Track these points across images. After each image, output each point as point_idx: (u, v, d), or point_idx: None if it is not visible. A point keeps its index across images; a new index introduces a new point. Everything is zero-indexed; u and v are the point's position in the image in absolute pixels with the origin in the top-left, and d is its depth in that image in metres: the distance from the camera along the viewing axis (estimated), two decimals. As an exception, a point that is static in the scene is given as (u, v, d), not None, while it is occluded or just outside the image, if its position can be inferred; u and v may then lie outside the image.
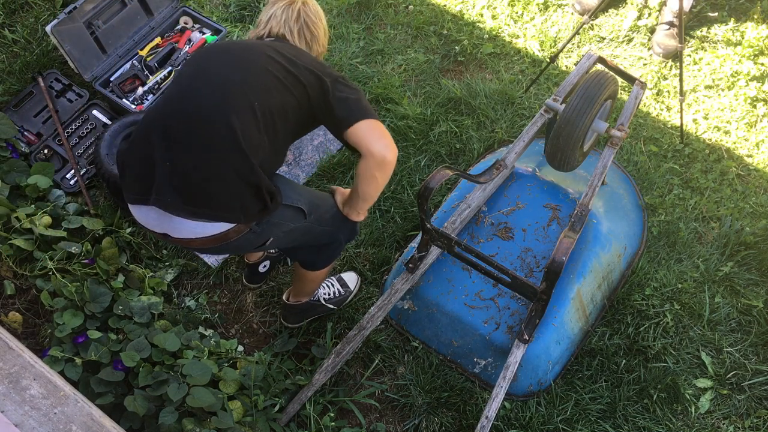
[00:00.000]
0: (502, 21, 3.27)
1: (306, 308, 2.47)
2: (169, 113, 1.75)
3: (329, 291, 2.51)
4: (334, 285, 2.53)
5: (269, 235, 1.87)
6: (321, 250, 2.18)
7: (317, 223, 2.01)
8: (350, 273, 2.59)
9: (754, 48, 3.04)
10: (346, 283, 2.55)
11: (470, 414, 2.31)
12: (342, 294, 2.52)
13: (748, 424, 2.29)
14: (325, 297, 2.49)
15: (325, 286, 2.51)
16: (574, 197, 2.39)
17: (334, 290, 2.52)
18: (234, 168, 1.68)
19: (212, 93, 1.71)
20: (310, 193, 2.03)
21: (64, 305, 2.21)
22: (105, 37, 2.93)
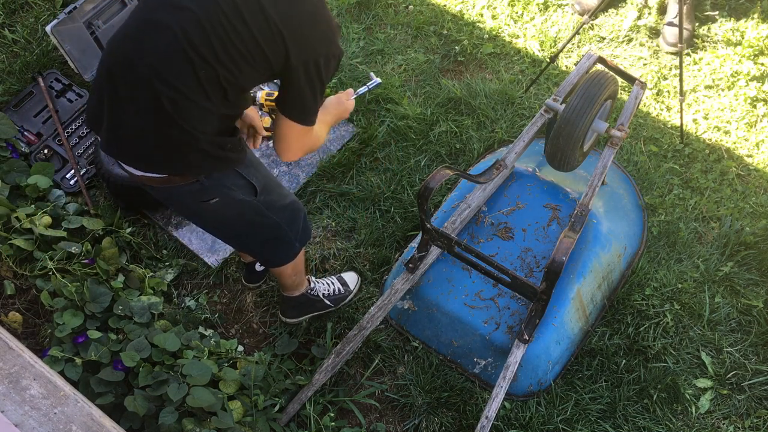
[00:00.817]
0: (502, 21, 3.27)
1: (303, 302, 2.45)
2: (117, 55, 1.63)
3: (329, 289, 2.51)
4: (334, 283, 2.53)
5: (216, 193, 1.81)
6: (270, 245, 2.12)
7: (265, 207, 1.95)
8: (351, 273, 2.60)
9: (754, 48, 3.04)
10: (346, 282, 2.55)
11: (470, 414, 2.31)
12: (341, 293, 2.52)
13: (748, 424, 2.29)
14: (324, 293, 2.49)
15: (326, 283, 2.51)
16: (574, 197, 2.39)
17: (334, 288, 2.52)
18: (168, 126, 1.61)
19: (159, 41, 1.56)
20: (268, 177, 1.99)
21: (64, 305, 2.21)
22: (105, 37, 2.93)
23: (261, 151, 2.91)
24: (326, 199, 2.79)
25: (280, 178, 2.84)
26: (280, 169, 2.86)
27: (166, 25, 1.54)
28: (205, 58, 1.54)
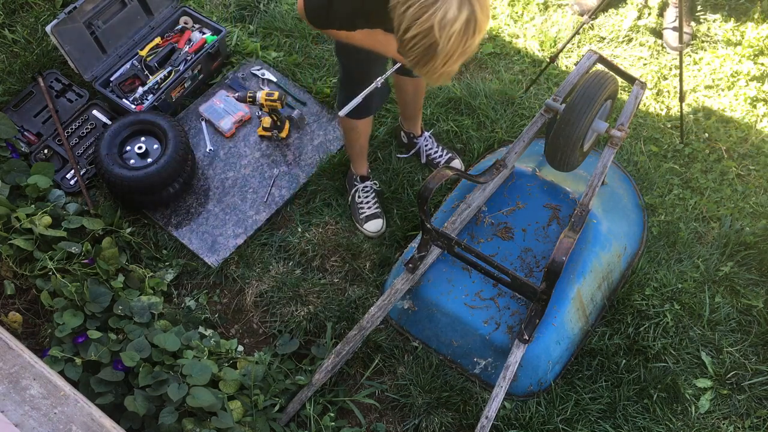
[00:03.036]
0: (502, 21, 3.27)
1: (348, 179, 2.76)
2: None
3: (363, 205, 2.69)
4: (366, 211, 2.68)
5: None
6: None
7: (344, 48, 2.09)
8: (378, 221, 2.70)
9: (754, 48, 3.04)
10: (371, 222, 2.69)
11: (470, 414, 2.31)
12: (359, 217, 2.70)
13: (748, 424, 2.29)
14: (357, 200, 2.70)
15: (365, 203, 2.69)
16: (574, 197, 2.39)
17: (364, 212, 2.69)
18: None
19: None
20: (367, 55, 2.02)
21: (64, 305, 2.21)
22: (105, 37, 2.93)
23: (261, 151, 2.91)
24: (327, 199, 2.79)
25: (281, 177, 2.84)
26: (280, 169, 2.86)
27: None
28: None
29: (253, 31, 3.25)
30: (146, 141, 2.73)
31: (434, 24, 1.40)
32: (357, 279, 2.63)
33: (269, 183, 2.83)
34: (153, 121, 2.70)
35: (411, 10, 1.41)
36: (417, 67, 1.53)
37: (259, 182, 2.85)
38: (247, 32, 3.25)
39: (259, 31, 3.25)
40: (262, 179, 2.85)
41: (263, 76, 3.09)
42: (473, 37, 1.45)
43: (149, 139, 2.73)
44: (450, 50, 1.45)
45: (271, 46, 3.21)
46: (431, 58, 1.46)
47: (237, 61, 3.16)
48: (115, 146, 2.66)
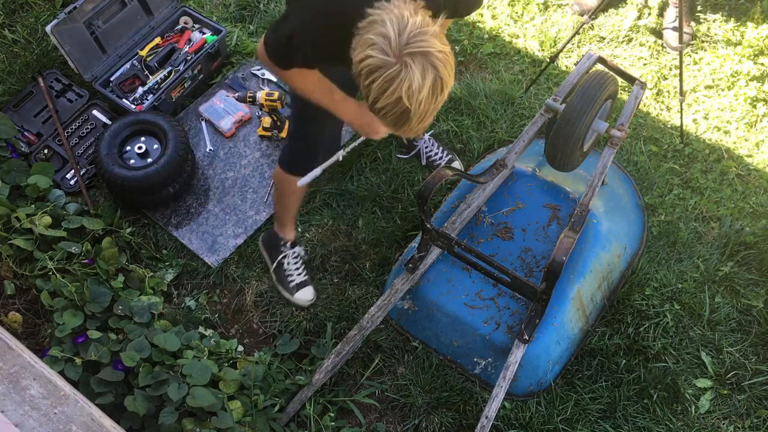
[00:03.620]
0: (502, 21, 3.27)
1: (272, 242, 2.55)
2: None
3: (292, 272, 2.53)
4: (295, 279, 2.53)
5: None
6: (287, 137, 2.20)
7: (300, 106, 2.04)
8: (310, 290, 2.55)
9: (754, 48, 3.04)
10: (301, 293, 2.54)
11: (470, 414, 2.31)
12: (287, 288, 2.54)
13: (748, 424, 2.29)
14: (286, 266, 2.53)
15: (295, 268, 2.53)
16: (574, 197, 2.39)
17: (293, 281, 2.53)
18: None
19: None
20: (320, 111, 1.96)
21: (64, 305, 2.21)
22: (105, 37, 2.93)
23: (261, 151, 2.91)
24: (326, 198, 2.79)
25: (280, 178, 2.84)
26: (280, 169, 2.86)
27: None
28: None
29: (253, 31, 3.25)
30: (146, 141, 2.73)
31: (402, 95, 1.40)
32: (357, 279, 2.63)
33: (269, 183, 2.83)
34: (153, 121, 2.70)
35: (375, 84, 1.41)
36: (393, 129, 1.54)
37: (259, 182, 2.85)
38: (247, 32, 3.25)
39: (259, 31, 3.25)
40: (262, 179, 2.85)
41: (263, 76, 3.09)
42: (442, 94, 1.46)
43: (149, 139, 2.73)
44: (422, 112, 1.45)
45: (271, 46, 3.20)
46: (405, 121, 1.47)
47: (237, 61, 3.16)
48: (115, 146, 2.66)
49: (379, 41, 1.39)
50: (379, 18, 1.41)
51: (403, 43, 1.38)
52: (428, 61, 1.39)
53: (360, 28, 1.45)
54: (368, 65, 1.40)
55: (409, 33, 1.38)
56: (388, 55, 1.39)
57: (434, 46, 1.40)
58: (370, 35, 1.41)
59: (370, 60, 1.40)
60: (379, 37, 1.40)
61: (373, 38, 1.40)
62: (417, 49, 1.38)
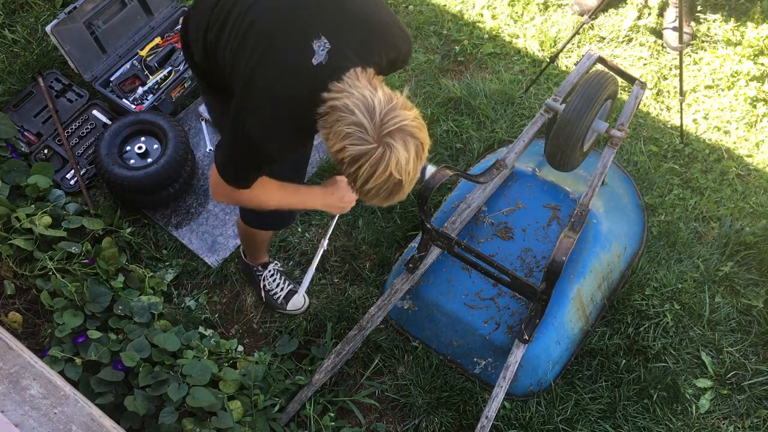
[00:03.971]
0: (502, 21, 3.27)
1: (247, 270, 2.55)
2: None
3: (275, 288, 2.52)
4: (282, 290, 2.52)
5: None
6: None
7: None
8: (301, 298, 2.51)
9: (754, 48, 3.04)
10: (290, 301, 2.52)
11: (470, 414, 2.31)
12: (277, 303, 2.53)
13: (748, 424, 2.29)
14: (267, 287, 2.52)
15: (277, 283, 2.52)
16: (574, 197, 2.39)
17: (278, 294, 2.52)
18: None
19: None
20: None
21: (64, 305, 2.21)
22: (105, 37, 2.93)
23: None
24: (326, 199, 2.79)
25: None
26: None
27: None
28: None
29: (253, 31, 3.25)
30: (146, 141, 2.73)
31: (392, 172, 1.42)
32: (357, 279, 2.63)
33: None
34: (153, 121, 2.70)
35: (362, 170, 1.42)
36: (384, 203, 1.53)
37: (259, 182, 2.84)
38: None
39: (259, 31, 3.25)
40: (262, 179, 2.85)
41: (263, 76, 3.09)
42: (424, 153, 1.48)
43: (149, 139, 2.73)
44: (411, 178, 1.47)
45: (271, 46, 3.20)
46: (397, 192, 1.49)
47: (237, 61, 3.15)
48: (115, 146, 2.66)
49: (353, 131, 1.40)
50: (342, 105, 1.41)
51: (378, 126, 1.39)
52: (406, 134, 1.42)
53: (323, 116, 1.45)
54: (350, 155, 1.41)
55: (380, 114, 1.40)
56: (367, 142, 1.39)
57: (407, 118, 1.42)
58: (342, 127, 1.41)
59: (351, 150, 1.40)
60: (353, 126, 1.40)
61: (347, 130, 1.40)
62: (393, 127, 1.40)
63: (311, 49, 1.47)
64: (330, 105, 1.44)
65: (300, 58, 1.48)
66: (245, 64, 1.54)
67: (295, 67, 1.49)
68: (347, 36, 1.51)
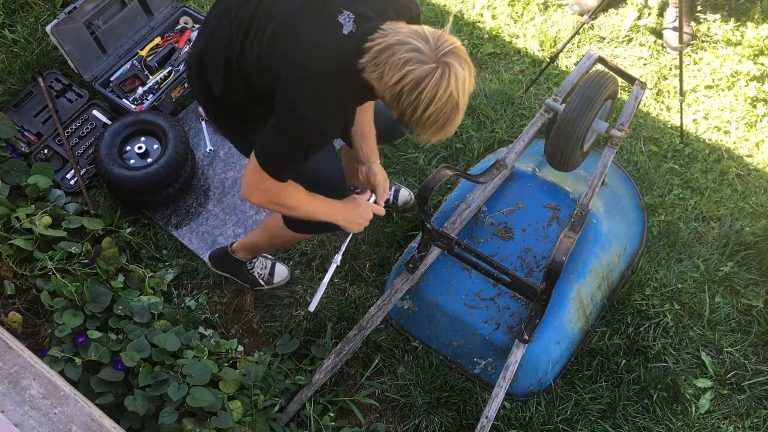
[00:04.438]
0: (502, 21, 3.27)
1: (234, 264, 2.50)
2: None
3: (260, 269, 2.53)
4: (266, 267, 2.54)
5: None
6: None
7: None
8: (283, 267, 2.57)
9: (754, 48, 3.04)
10: (275, 273, 2.55)
11: (470, 414, 2.31)
12: (263, 281, 2.54)
13: (748, 424, 2.29)
14: (256, 271, 2.52)
15: (261, 262, 2.52)
16: (574, 197, 2.39)
17: (263, 273, 2.54)
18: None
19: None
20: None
21: (64, 305, 2.21)
22: (105, 37, 2.93)
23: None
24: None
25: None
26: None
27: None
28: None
29: (253, 31, 3.25)
30: (146, 141, 2.73)
31: (453, 92, 1.48)
32: (357, 279, 2.63)
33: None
34: (153, 121, 2.70)
35: (424, 93, 1.46)
36: (437, 135, 1.57)
37: (259, 182, 2.84)
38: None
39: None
40: (262, 179, 2.85)
41: (263, 76, 3.09)
42: (473, 78, 1.55)
43: (149, 139, 2.73)
44: (465, 102, 1.53)
45: (271, 46, 3.20)
46: (453, 118, 1.53)
47: (237, 61, 3.15)
48: (115, 146, 2.66)
49: (412, 56, 1.45)
50: (394, 41, 1.48)
51: (434, 49, 1.46)
52: (459, 55, 1.49)
53: (372, 61, 1.50)
54: (412, 80, 1.46)
55: (433, 39, 1.47)
56: (427, 63, 1.45)
57: (456, 42, 1.50)
58: (400, 56, 1.46)
59: (411, 75, 1.45)
60: (411, 52, 1.46)
61: (405, 56, 1.46)
62: (447, 49, 1.47)
63: (338, 23, 1.56)
64: (377, 49, 1.49)
65: (332, 34, 1.56)
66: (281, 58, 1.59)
67: (330, 43, 1.56)
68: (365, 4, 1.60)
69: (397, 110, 1.53)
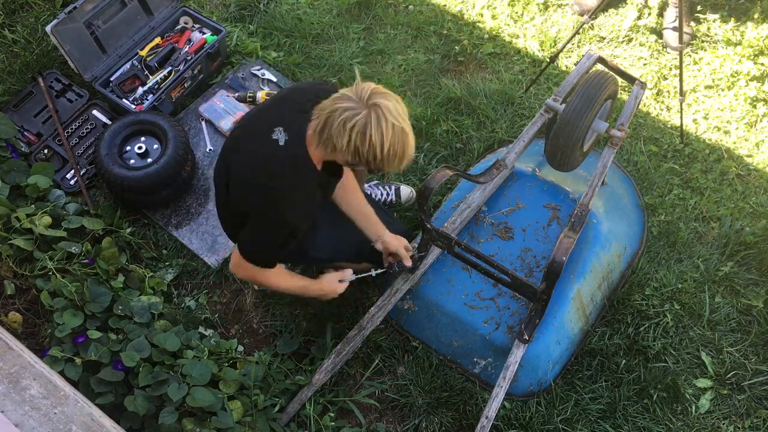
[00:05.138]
0: (502, 21, 3.27)
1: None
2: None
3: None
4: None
5: None
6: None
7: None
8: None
9: (754, 48, 3.04)
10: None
11: (470, 414, 2.31)
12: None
13: (748, 424, 2.29)
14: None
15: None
16: (574, 197, 2.39)
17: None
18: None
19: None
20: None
21: (64, 305, 2.21)
22: (105, 37, 2.93)
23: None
24: (326, 199, 2.79)
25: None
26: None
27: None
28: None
29: (253, 31, 3.25)
30: (146, 141, 2.73)
31: (393, 123, 1.68)
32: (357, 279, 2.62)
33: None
34: (153, 121, 2.70)
35: (373, 137, 1.68)
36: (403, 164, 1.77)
37: (259, 182, 2.84)
38: (247, 32, 3.25)
39: (259, 31, 3.25)
40: (262, 179, 2.85)
41: (263, 76, 3.09)
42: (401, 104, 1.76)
43: (149, 139, 2.73)
44: (407, 125, 1.74)
45: (271, 46, 3.21)
46: (408, 144, 1.74)
47: (237, 61, 3.16)
48: (115, 146, 2.66)
49: (347, 115, 1.67)
50: (325, 116, 1.72)
51: (359, 99, 1.68)
52: (379, 92, 1.70)
53: (321, 140, 1.75)
54: (357, 133, 1.67)
55: (354, 93, 1.69)
56: (360, 111, 1.67)
57: (372, 84, 1.71)
58: (337, 121, 1.68)
59: (355, 130, 1.67)
60: (344, 113, 1.68)
61: (342, 118, 1.68)
62: (368, 93, 1.69)
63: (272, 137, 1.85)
64: (318, 130, 1.74)
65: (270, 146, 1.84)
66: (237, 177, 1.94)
67: (271, 152, 1.84)
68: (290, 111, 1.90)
69: (363, 162, 1.74)
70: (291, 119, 1.87)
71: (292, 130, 1.85)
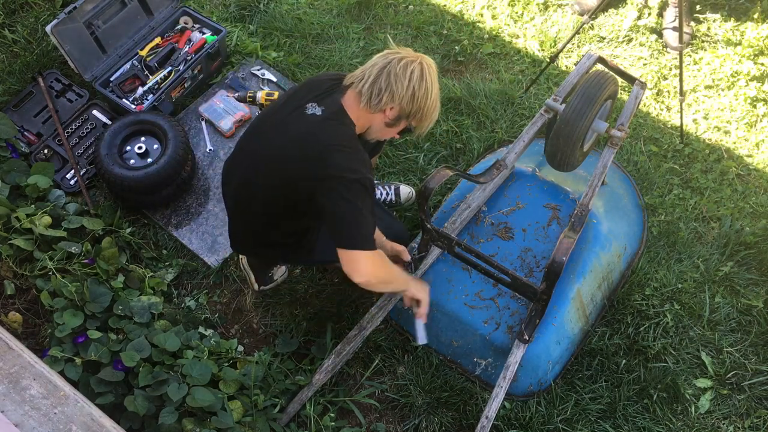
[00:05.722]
0: (502, 21, 3.27)
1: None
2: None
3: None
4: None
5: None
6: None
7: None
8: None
9: (754, 48, 3.04)
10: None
11: (470, 414, 2.31)
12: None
13: (748, 424, 2.29)
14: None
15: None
16: (574, 197, 2.39)
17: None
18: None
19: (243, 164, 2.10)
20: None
21: (64, 305, 2.21)
22: (105, 37, 2.93)
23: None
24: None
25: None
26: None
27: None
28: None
29: (253, 31, 3.25)
30: (146, 141, 2.73)
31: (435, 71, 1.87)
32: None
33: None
34: (153, 121, 2.70)
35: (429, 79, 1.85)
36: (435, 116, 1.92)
37: (259, 182, 2.84)
38: (247, 32, 3.25)
39: (259, 31, 3.25)
40: (262, 179, 2.85)
41: (263, 76, 3.09)
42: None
43: (149, 139, 2.73)
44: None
45: (271, 46, 3.21)
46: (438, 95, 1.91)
47: (237, 61, 3.16)
48: (115, 146, 2.66)
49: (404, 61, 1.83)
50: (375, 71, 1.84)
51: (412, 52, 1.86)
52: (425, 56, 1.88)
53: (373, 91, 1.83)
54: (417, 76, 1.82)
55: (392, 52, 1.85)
56: (414, 60, 1.82)
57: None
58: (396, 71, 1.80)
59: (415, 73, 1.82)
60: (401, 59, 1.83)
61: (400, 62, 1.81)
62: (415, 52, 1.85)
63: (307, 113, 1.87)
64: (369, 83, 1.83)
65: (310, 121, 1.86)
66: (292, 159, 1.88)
67: (315, 123, 1.85)
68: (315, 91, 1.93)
69: (410, 112, 1.83)
70: (318, 96, 1.88)
71: (325, 103, 1.87)
